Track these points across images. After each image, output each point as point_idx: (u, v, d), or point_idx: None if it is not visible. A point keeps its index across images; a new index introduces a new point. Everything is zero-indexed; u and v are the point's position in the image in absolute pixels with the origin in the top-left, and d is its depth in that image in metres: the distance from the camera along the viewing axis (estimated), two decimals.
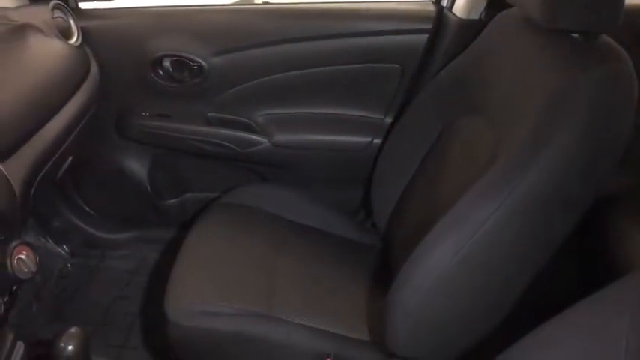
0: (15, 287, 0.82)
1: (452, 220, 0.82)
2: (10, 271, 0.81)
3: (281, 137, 1.38)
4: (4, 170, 0.84)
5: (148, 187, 1.51)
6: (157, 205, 1.54)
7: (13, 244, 0.82)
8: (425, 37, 1.28)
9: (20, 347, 1.01)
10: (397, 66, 1.32)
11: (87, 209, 1.59)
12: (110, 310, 1.45)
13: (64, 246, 1.62)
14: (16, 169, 0.89)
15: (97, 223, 1.61)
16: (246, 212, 1.27)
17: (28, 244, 0.84)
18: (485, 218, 0.78)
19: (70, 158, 1.20)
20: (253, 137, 1.38)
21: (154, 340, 1.37)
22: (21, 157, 0.91)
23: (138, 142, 1.44)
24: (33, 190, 1.01)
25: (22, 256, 0.83)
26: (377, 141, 1.37)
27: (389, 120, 1.38)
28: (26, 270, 0.84)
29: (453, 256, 0.80)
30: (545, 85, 0.81)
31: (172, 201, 1.55)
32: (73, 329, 0.81)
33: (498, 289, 0.86)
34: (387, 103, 1.37)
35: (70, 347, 0.79)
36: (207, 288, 1.05)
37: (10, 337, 1.00)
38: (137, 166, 1.49)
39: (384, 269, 1.20)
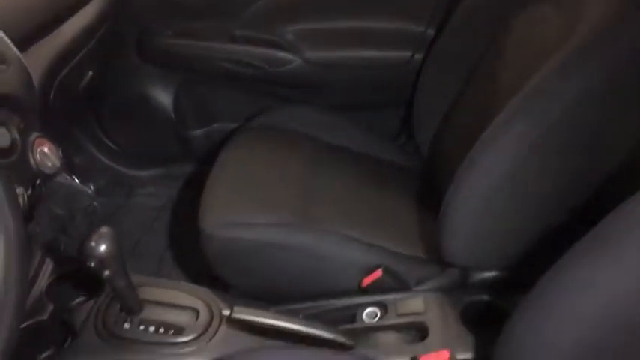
0: (38, 182, 0.75)
1: (506, 120, 0.75)
2: (33, 164, 0.75)
3: (313, 54, 1.28)
4: (22, 59, 0.78)
5: (173, 117, 1.44)
6: (183, 136, 1.46)
7: (33, 135, 0.76)
8: None
9: (49, 264, 0.96)
10: None
11: (110, 144, 1.52)
12: (139, 244, 1.40)
13: (90, 184, 1.56)
14: (34, 62, 0.82)
15: (121, 159, 1.54)
16: (280, 133, 1.19)
17: (49, 139, 0.77)
18: (541, 118, 0.72)
19: (90, 73, 1.13)
20: (283, 54, 1.28)
21: (186, 268, 1.31)
22: (39, 51, 0.85)
23: (161, 66, 1.35)
24: (52, 92, 0.95)
25: (45, 150, 0.77)
26: (418, 56, 1.26)
27: (431, 32, 1.26)
28: (50, 165, 0.78)
29: (507, 161, 0.75)
30: None
31: (199, 131, 1.46)
32: (104, 229, 0.74)
33: (554, 196, 0.80)
34: (430, 12, 1.26)
35: (101, 247, 0.72)
36: (243, 201, 0.98)
37: (39, 253, 0.95)
38: (161, 94, 1.41)
39: (428, 189, 1.12)
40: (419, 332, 0.83)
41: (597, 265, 0.51)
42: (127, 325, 0.80)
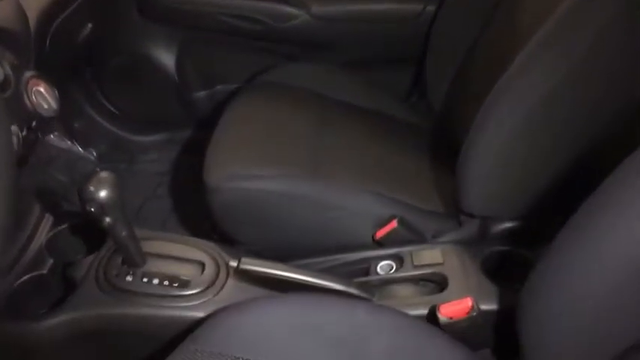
0: (34, 124, 0.71)
1: (520, 69, 0.73)
2: (28, 104, 0.70)
3: (320, 8, 1.22)
4: None
5: (176, 78, 1.39)
6: (186, 98, 1.40)
7: (28, 74, 0.71)
8: None
9: (49, 219, 0.92)
10: None
11: (111, 108, 1.46)
12: (143, 208, 1.35)
13: (92, 150, 1.52)
14: (30, 2, 0.78)
15: (123, 124, 1.49)
16: (286, 90, 1.14)
17: (45, 79, 0.73)
18: (556, 65, 0.69)
19: (90, 25, 1.08)
20: (289, 9, 1.23)
21: (191, 231, 1.27)
22: None
23: (162, 24, 1.30)
24: (49, 38, 0.90)
25: (41, 89, 0.72)
26: (430, 8, 1.20)
27: None
28: (46, 107, 0.73)
29: (521, 110, 0.74)
30: None
31: (202, 93, 1.41)
32: (104, 173, 0.70)
33: (569, 146, 0.77)
34: None
35: (101, 192, 0.67)
36: (249, 155, 0.93)
37: (38, 208, 0.91)
38: (163, 54, 1.35)
39: (441, 146, 1.07)
40: (437, 284, 0.78)
41: (617, 210, 0.50)
42: (129, 278, 0.76)
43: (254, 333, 0.61)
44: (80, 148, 1.55)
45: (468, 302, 0.66)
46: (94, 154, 1.53)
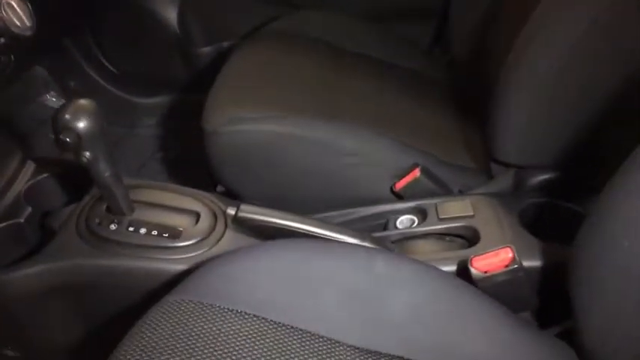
0: (2, 40, 0.61)
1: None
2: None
3: None
4: None
5: (178, 32, 1.29)
6: (189, 54, 1.31)
7: None
8: None
9: (30, 166, 0.84)
10: None
11: (110, 67, 1.37)
12: (141, 172, 1.27)
13: None
14: None
15: (123, 85, 1.39)
16: (297, 38, 1.04)
17: None
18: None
19: None
20: None
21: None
22: None
23: None
24: None
25: (13, 3, 0.63)
26: None
27: None
28: (19, 24, 0.64)
29: (552, 55, 0.68)
30: None
31: (206, 49, 1.31)
32: (83, 100, 0.60)
33: (605, 95, 0.70)
34: None
35: (80, 120, 0.58)
36: (253, 98, 0.83)
37: (19, 153, 0.82)
38: (164, 6, 1.26)
39: (466, 100, 0.97)
40: (467, 240, 0.68)
41: None
42: (113, 227, 0.66)
43: (248, 282, 0.51)
44: None
45: (507, 252, 0.55)
46: None
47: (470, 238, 0.67)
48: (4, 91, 0.99)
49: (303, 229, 0.65)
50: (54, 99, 1.41)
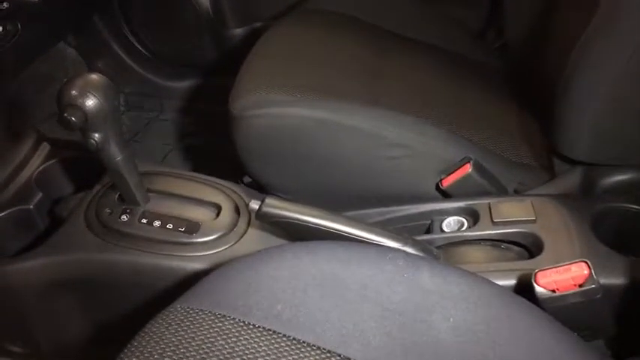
0: (6, 5, 0.55)
1: None
2: None
3: None
4: None
5: (210, 12, 1.23)
6: (220, 35, 1.24)
7: None
8: None
9: (44, 149, 0.78)
10: None
11: (140, 48, 1.31)
12: (168, 158, 1.22)
13: (120, 95, 1.39)
14: None
15: (151, 66, 1.33)
16: (333, 18, 0.95)
17: None
18: None
19: None
20: None
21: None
22: None
23: None
24: None
25: None
26: None
27: None
28: None
29: (623, 45, 0.58)
30: None
31: (238, 30, 1.24)
32: (94, 75, 0.54)
33: None
34: None
35: (88, 96, 0.51)
36: (285, 81, 0.74)
37: (34, 136, 0.77)
38: None
39: (522, 90, 0.86)
40: (526, 249, 0.59)
41: None
42: (124, 218, 0.60)
43: (269, 292, 0.43)
44: None
45: (582, 268, 0.45)
46: (122, 100, 1.42)
47: (530, 248, 0.57)
48: (27, 69, 0.95)
49: (335, 229, 0.56)
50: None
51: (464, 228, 0.62)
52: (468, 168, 0.63)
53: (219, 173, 0.82)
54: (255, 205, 0.59)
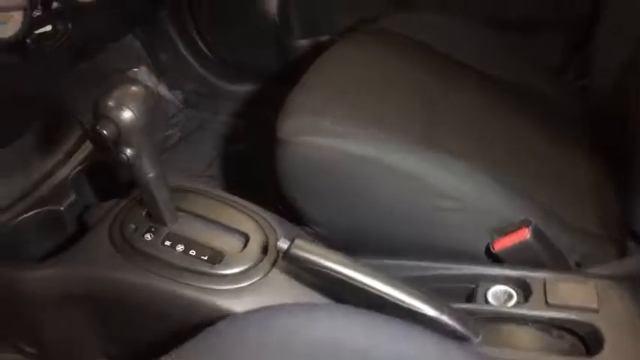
0: (56, 4, 0.53)
1: None
2: None
3: None
4: None
5: (277, 20, 1.20)
6: (284, 44, 1.21)
7: None
8: None
9: (86, 148, 0.77)
10: None
11: (203, 47, 1.31)
12: (216, 163, 1.20)
13: (178, 92, 1.40)
14: None
15: (212, 67, 1.33)
16: (401, 41, 0.90)
17: None
18: None
19: None
20: None
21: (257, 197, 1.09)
22: None
23: None
24: None
25: None
26: None
27: None
28: None
29: None
30: None
31: (303, 41, 1.20)
32: (133, 86, 0.51)
33: None
34: None
35: (124, 109, 0.49)
36: (337, 107, 0.69)
37: (77, 133, 0.76)
38: None
39: (603, 144, 0.77)
40: (582, 341, 0.51)
41: None
42: (148, 237, 0.57)
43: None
44: (166, 89, 1.45)
45: None
46: (179, 97, 1.42)
47: (588, 341, 0.49)
48: (88, 60, 0.96)
49: (364, 284, 0.51)
50: (144, 74, 1.39)
51: (512, 302, 0.54)
52: (527, 234, 0.56)
53: (259, 189, 0.78)
54: (283, 244, 0.55)
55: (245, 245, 0.58)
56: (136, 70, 1.35)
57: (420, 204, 0.61)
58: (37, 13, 0.50)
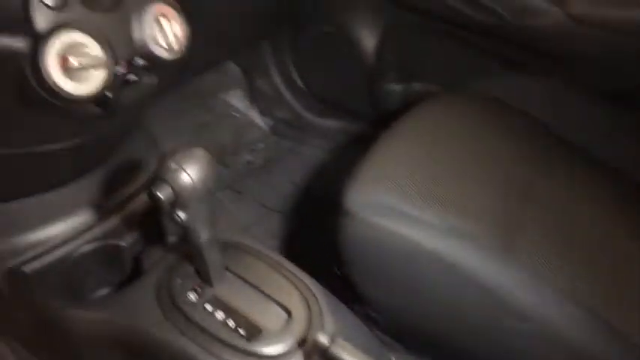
0: (140, 62, 0.54)
1: None
2: (137, 33, 0.53)
3: (586, 7, 0.86)
4: None
5: (373, 62, 1.16)
6: (377, 86, 1.18)
7: None
8: None
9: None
10: None
11: (297, 80, 1.32)
12: (287, 196, 1.20)
13: (268, 119, 1.42)
14: None
15: (305, 100, 1.34)
16: (496, 108, 0.83)
17: (177, 8, 0.55)
18: None
19: None
20: (538, 2, 0.89)
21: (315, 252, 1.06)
22: None
23: None
24: None
25: (166, 20, 0.54)
26: None
27: None
28: (166, 46, 0.53)
29: None
30: None
31: (396, 86, 1.17)
32: (199, 150, 0.50)
33: None
34: None
35: (184, 174, 0.48)
36: (411, 185, 0.64)
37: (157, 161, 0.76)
38: (366, 33, 1.14)
39: None
40: None
41: None
42: (192, 297, 0.56)
43: None
44: (257, 114, 1.47)
45: None
46: (268, 124, 1.44)
47: None
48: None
49: None
50: (238, 98, 1.42)
51: None
52: None
53: (321, 243, 0.74)
54: (324, 339, 0.52)
55: (286, 323, 0.55)
56: (231, 92, 1.40)
57: (485, 316, 0.54)
58: (120, 70, 0.51)
